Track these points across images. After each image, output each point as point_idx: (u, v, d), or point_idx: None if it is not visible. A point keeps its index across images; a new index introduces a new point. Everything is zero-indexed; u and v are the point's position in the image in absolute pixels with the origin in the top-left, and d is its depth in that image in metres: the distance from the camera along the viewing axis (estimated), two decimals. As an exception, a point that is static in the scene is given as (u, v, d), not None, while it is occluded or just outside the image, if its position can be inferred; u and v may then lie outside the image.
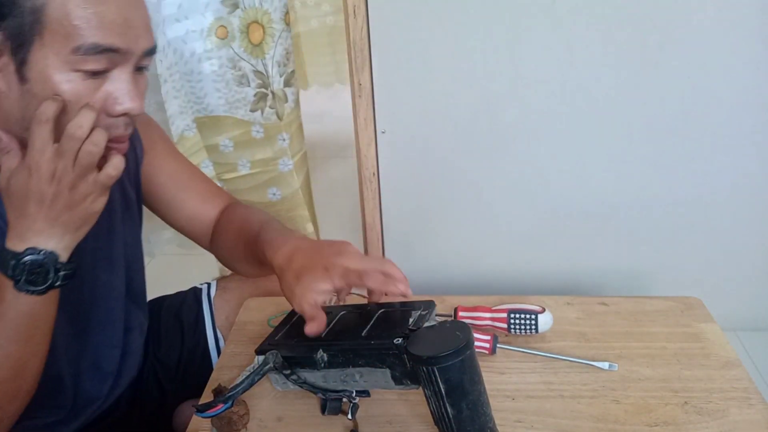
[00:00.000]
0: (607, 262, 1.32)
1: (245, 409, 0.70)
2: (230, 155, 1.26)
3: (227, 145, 1.25)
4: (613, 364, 0.75)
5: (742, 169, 1.18)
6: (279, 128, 1.20)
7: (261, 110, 1.19)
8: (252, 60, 1.14)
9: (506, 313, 0.81)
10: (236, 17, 1.11)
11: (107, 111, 0.60)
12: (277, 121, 1.20)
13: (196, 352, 0.96)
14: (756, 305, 1.38)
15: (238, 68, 1.15)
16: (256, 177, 1.28)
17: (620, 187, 1.22)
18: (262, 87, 1.17)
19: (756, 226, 1.25)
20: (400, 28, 1.08)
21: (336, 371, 0.65)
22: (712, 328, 0.82)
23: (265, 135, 1.22)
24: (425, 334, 0.60)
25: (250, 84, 1.17)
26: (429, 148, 1.21)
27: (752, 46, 1.05)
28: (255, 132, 1.22)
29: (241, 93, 1.19)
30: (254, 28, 1.12)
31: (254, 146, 1.24)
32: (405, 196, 1.28)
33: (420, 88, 1.14)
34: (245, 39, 1.13)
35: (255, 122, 1.21)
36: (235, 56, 1.14)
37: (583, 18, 1.04)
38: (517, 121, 1.15)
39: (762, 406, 0.69)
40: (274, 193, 1.28)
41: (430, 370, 0.56)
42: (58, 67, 0.56)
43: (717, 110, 1.12)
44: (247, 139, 1.23)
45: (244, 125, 1.22)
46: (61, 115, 0.56)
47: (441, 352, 0.55)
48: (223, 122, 1.23)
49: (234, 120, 1.22)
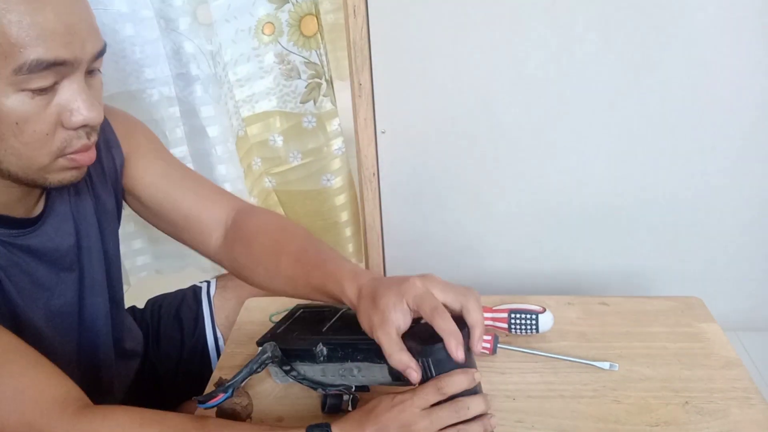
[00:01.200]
0: (607, 262, 1.32)
1: (248, 399, 0.69)
2: (280, 149, 1.28)
3: (276, 139, 1.27)
4: (613, 364, 0.75)
5: (742, 169, 1.18)
6: (334, 114, 1.23)
7: (314, 100, 1.21)
8: (304, 52, 1.16)
9: (507, 313, 0.81)
10: (285, 12, 1.13)
11: (64, 124, 0.55)
12: (332, 107, 1.22)
13: (195, 351, 0.96)
14: (756, 305, 1.38)
15: (286, 62, 1.17)
16: (308, 166, 1.29)
17: (620, 187, 1.22)
18: (315, 77, 1.19)
19: (756, 226, 1.25)
20: (400, 28, 1.08)
21: (334, 366, 0.65)
22: (712, 328, 0.82)
23: (317, 124, 1.23)
24: (422, 329, 0.60)
25: (301, 76, 1.18)
26: (429, 148, 1.21)
27: (752, 46, 1.05)
28: (306, 123, 1.23)
29: (290, 87, 1.20)
30: (308, 20, 1.13)
31: (305, 136, 1.25)
32: (405, 196, 1.28)
33: (420, 88, 1.14)
34: (296, 32, 1.14)
35: (306, 113, 1.22)
36: (283, 51, 1.16)
37: (583, 18, 1.04)
38: (516, 121, 1.16)
39: (762, 406, 0.69)
40: (328, 179, 1.29)
41: (423, 361, 0.57)
42: (2, 90, 0.51)
43: (717, 110, 1.12)
44: (298, 131, 1.25)
45: (294, 118, 1.24)
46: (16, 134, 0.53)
47: (433, 344, 0.56)
48: (271, 117, 1.25)
49: (283, 114, 1.24)
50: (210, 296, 0.98)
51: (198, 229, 0.78)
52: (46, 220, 0.66)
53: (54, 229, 0.66)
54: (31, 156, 0.56)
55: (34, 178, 0.58)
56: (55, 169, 0.58)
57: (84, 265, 0.71)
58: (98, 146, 0.65)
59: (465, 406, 0.56)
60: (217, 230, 0.78)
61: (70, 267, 0.69)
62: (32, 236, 0.64)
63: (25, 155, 0.55)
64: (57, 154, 0.57)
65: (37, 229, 0.64)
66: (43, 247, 0.65)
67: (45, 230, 0.65)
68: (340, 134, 1.26)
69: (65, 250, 0.68)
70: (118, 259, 0.78)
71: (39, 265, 0.65)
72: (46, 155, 0.56)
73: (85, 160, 0.59)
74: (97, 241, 0.73)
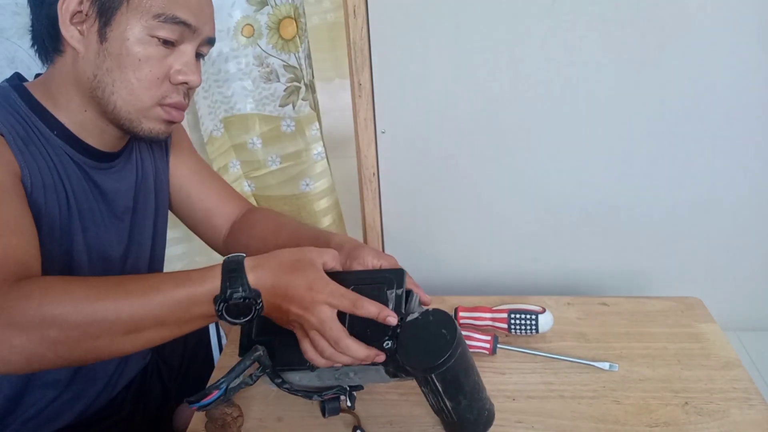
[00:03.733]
0: (607, 263, 1.32)
1: (239, 411, 0.69)
2: (259, 152, 1.27)
3: (255, 142, 1.26)
4: (613, 365, 0.75)
5: (742, 170, 1.18)
6: (312, 118, 1.22)
7: (293, 104, 1.20)
8: (283, 55, 1.15)
9: (507, 313, 0.81)
10: (264, 15, 1.12)
11: (171, 79, 0.67)
12: (311, 111, 1.22)
13: (198, 350, 0.96)
14: (756, 305, 1.38)
15: (265, 65, 1.16)
16: (287, 171, 1.28)
17: (620, 188, 1.22)
18: (294, 81, 1.18)
19: (756, 226, 1.25)
20: (400, 28, 1.08)
21: (329, 371, 0.64)
22: (712, 329, 0.82)
23: (296, 128, 1.23)
24: (412, 335, 0.58)
25: (280, 79, 1.18)
26: (429, 148, 1.21)
27: (752, 46, 1.05)
28: (285, 126, 1.23)
29: (269, 89, 1.19)
30: (287, 23, 1.13)
31: (284, 140, 1.25)
32: (405, 196, 1.28)
33: (420, 88, 1.14)
34: (275, 35, 1.13)
35: (285, 117, 1.22)
36: (262, 53, 1.15)
37: (583, 18, 1.04)
38: (517, 121, 1.15)
39: (762, 406, 0.69)
40: (307, 184, 1.29)
41: (427, 376, 0.57)
42: (138, 30, 0.64)
43: (717, 110, 1.12)
44: (277, 135, 1.24)
45: (273, 121, 1.23)
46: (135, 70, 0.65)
47: (435, 359, 0.55)
48: (250, 120, 1.24)
49: (262, 117, 1.23)
50: None
51: (213, 223, 0.88)
52: (120, 163, 0.75)
53: (122, 176, 0.75)
54: (140, 94, 0.66)
55: (132, 119, 0.68)
56: (152, 116, 0.68)
57: (137, 221, 0.79)
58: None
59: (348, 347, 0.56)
60: (227, 225, 0.88)
61: (122, 216, 0.77)
62: (105, 173, 0.73)
63: (135, 91, 0.66)
64: (158, 100, 0.67)
65: (110, 168, 0.73)
66: (111, 188, 0.73)
67: (116, 173, 0.74)
68: (320, 139, 1.24)
69: (125, 199, 0.77)
70: (164, 228, 0.87)
71: (101, 203, 0.73)
72: (150, 98, 0.67)
73: (177, 117, 0.70)
74: (152, 205, 0.82)
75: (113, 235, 0.75)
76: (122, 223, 0.77)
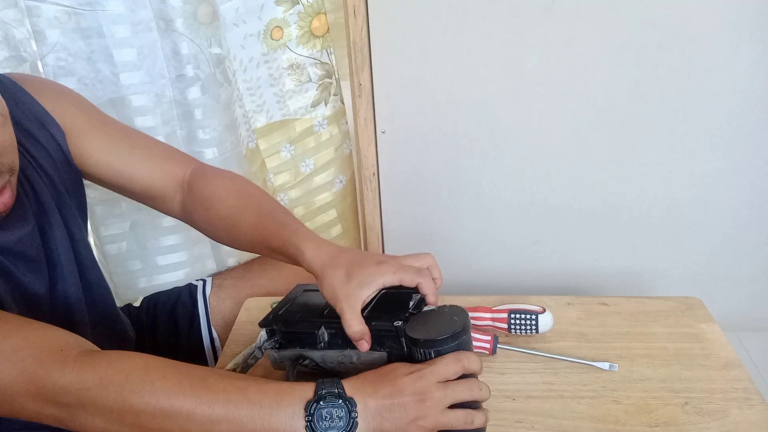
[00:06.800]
0: (607, 262, 1.32)
1: None
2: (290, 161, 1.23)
3: (287, 149, 1.22)
4: (613, 365, 0.75)
5: (741, 169, 1.18)
6: (342, 113, 1.21)
7: (324, 101, 1.19)
8: (315, 53, 1.14)
9: (507, 313, 0.81)
10: (294, 14, 1.09)
11: None
12: (342, 106, 1.21)
13: (191, 352, 0.96)
14: (756, 305, 1.38)
15: (295, 67, 1.14)
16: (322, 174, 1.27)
17: (620, 187, 1.22)
18: (326, 77, 1.17)
19: (756, 226, 1.25)
20: (400, 28, 1.08)
21: (334, 352, 0.65)
22: (712, 329, 0.81)
23: (328, 126, 1.21)
24: (424, 318, 0.61)
25: (312, 79, 1.16)
26: (429, 148, 1.21)
27: (752, 46, 1.05)
28: (318, 127, 1.21)
29: (300, 92, 1.18)
30: (319, 19, 1.12)
31: (317, 142, 1.23)
32: (405, 196, 1.28)
33: (420, 88, 1.14)
34: (307, 33, 1.11)
35: (317, 116, 1.20)
36: (292, 56, 1.13)
37: (583, 18, 1.04)
38: (517, 121, 1.15)
39: (762, 406, 0.69)
40: (340, 181, 1.28)
41: (426, 353, 0.57)
42: None
43: (717, 110, 1.12)
44: (309, 137, 1.22)
45: (304, 123, 1.21)
46: None
47: (438, 336, 0.57)
48: (283, 127, 1.20)
49: (293, 121, 1.20)
50: (206, 296, 0.98)
51: (159, 198, 0.79)
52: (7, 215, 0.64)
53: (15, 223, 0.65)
54: None
55: None
56: None
57: (51, 252, 0.70)
58: (32, 128, 0.68)
59: (479, 386, 0.56)
60: (176, 195, 0.79)
61: (36, 257, 0.68)
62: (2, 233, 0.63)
63: None
64: None
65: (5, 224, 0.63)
66: (7, 242, 0.64)
67: (7, 225, 0.64)
68: (348, 135, 1.24)
69: (28, 241, 0.66)
70: (85, 240, 0.77)
71: (10, 257, 0.64)
72: None
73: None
74: (60, 227, 0.71)
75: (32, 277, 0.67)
76: (38, 262, 0.68)
